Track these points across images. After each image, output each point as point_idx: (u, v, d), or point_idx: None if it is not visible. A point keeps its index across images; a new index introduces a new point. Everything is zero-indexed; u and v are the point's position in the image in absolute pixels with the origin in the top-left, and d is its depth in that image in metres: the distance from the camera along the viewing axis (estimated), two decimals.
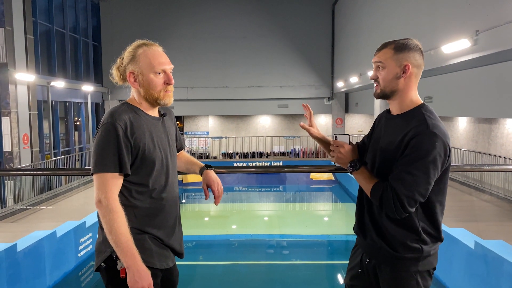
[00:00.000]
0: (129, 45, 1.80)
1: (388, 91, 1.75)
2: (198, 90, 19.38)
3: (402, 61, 1.71)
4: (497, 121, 10.71)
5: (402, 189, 1.61)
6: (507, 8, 6.17)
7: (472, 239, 5.25)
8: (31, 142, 12.37)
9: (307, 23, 19.43)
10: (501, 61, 7.50)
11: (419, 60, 1.73)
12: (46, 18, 14.62)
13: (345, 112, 20.22)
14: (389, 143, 1.74)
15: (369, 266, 1.85)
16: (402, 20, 10.64)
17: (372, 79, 1.80)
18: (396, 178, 1.63)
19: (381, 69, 1.75)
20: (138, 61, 1.74)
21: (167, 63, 1.78)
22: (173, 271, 1.90)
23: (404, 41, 1.73)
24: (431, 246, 1.74)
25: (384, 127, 1.83)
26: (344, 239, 9.29)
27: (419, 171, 1.60)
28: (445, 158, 1.65)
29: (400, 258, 1.73)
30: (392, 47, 1.73)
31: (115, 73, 1.81)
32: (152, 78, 1.74)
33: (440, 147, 1.62)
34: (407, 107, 1.75)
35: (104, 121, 1.69)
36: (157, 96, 1.77)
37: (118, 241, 1.60)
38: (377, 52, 1.78)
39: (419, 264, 1.74)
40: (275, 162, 18.74)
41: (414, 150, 1.61)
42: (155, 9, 19.15)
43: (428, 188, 1.63)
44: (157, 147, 1.78)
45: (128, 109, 1.75)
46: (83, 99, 17.23)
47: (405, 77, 1.72)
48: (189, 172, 2.11)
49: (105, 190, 1.64)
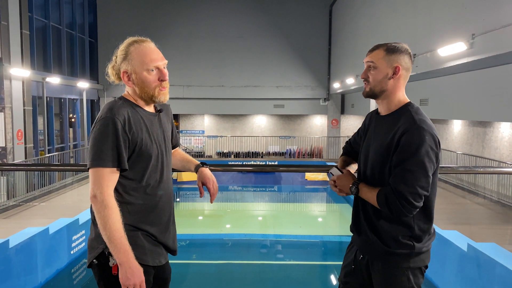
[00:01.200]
0: (121, 43, 1.78)
1: (377, 90, 1.80)
2: (194, 89, 19.35)
3: (393, 62, 1.77)
4: (491, 125, 10.77)
5: (404, 188, 1.64)
6: (503, 12, 6.21)
7: (465, 242, 5.28)
8: (25, 138, 12.30)
9: (304, 23, 19.45)
10: (497, 65, 7.55)
11: (408, 63, 1.80)
12: (43, 14, 14.54)
13: (341, 113, 20.26)
14: (380, 144, 1.78)
15: (362, 262, 1.88)
16: (399, 23, 10.67)
17: (362, 78, 1.84)
18: (396, 179, 1.66)
19: (372, 69, 1.80)
20: (131, 60, 1.72)
21: (160, 59, 1.75)
22: (165, 268, 1.90)
23: (395, 44, 1.80)
24: (423, 243, 1.77)
25: (374, 128, 1.87)
26: (337, 240, 9.30)
27: (416, 166, 1.64)
28: (437, 149, 1.69)
29: (391, 254, 1.76)
30: (384, 49, 1.79)
31: (111, 72, 1.79)
32: (146, 76, 1.72)
33: (430, 140, 1.66)
34: (395, 107, 1.80)
35: (103, 115, 1.67)
36: (152, 94, 1.75)
37: (112, 237, 1.59)
38: (369, 52, 1.83)
39: (411, 261, 1.76)
40: (270, 162, 18.74)
41: (406, 148, 1.65)
42: (152, 7, 19.10)
43: (429, 180, 1.66)
44: (154, 143, 1.77)
45: (125, 104, 1.73)
46: (79, 95, 17.14)
47: (395, 78, 1.78)
48: (184, 170, 2.11)
49: (101, 185, 1.62)
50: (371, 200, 1.76)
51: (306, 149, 20.57)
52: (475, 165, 10.26)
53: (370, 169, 1.82)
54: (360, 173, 1.93)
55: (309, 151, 20.53)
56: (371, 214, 1.82)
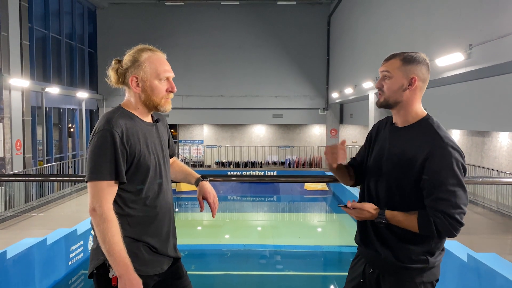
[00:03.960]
0: (130, 49, 1.78)
1: (392, 101, 1.75)
2: (193, 99, 19.40)
3: (409, 73, 1.72)
4: (490, 134, 10.80)
5: (452, 210, 1.62)
6: (500, 22, 6.26)
7: (465, 252, 5.26)
8: (24, 148, 12.28)
9: (303, 34, 19.58)
10: (494, 75, 7.59)
11: (425, 74, 1.75)
12: (42, 24, 14.62)
13: (339, 123, 20.30)
14: (400, 158, 1.72)
15: (372, 276, 1.83)
16: (397, 33, 10.75)
17: (377, 87, 1.79)
18: (441, 202, 1.63)
19: (388, 79, 1.75)
20: (143, 66, 1.73)
21: (171, 71, 1.79)
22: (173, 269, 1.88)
23: (412, 53, 1.74)
24: (436, 257, 1.75)
25: (389, 139, 1.81)
26: (337, 250, 9.26)
27: (456, 186, 1.62)
28: (464, 161, 1.68)
29: (406, 269, 1.73)
30: (400, 58, 1.74)
31: (112, 75, 1.77)
32: (157, 85, 1.74)
33: (459, 156, 1.65)
34: (413, 119, 1.75)
35: (100, 128, 1.66)
36: (158, 103, 1.76)
37: (111, 250, 1.59)
38: (384, 62, 1.78)
39: (424, 275, 1.74)
40: (269, 172, 18.72)
41: (441, 167, 1.62)
42: (151, 17, 19.23)
43: (467, 196, 1.66)
44: (152, 154, 1.76)
45: (123, 115, 1.73)
46: (78, 105, 17.17)
47: (411, 89, 1.73)
48: (184, 182, 2.10)
49: (100, 199, 1.62)
50: (408, 226, 1.68)
51: (305, 158, 20.56)
52: (474, 175, 10.25)
53: (385, 182, 1.76)
54: (369, 185, 1.86)
55: (308, 160, 20.52)
56: (383, 229, 1.77)
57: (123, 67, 1.75)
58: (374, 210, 1.72)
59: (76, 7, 17.29)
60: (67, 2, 16.54)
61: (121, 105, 1.79)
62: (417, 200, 1.69)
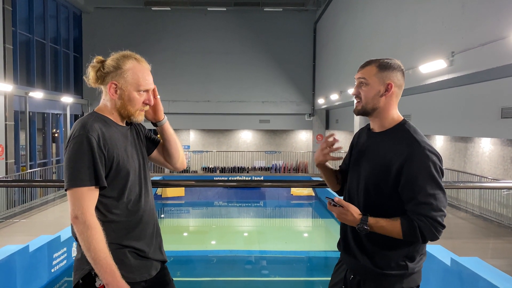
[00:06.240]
0: (116, 52, 1.75)
1: (369, 108, 1.76)
2: (180, 104, 19.33)
3: (386, 79, 1.73)
4: (472, 140, 10.99)
5: (434, 213, 1.63)
6: (481, 31, 6.40)
7: (448, 256, 5.32)
8: (6, 153, 12.07)
9: (290, 40, 19.72)
10: (476, 82, 7.74)
11: (401, 80, 1.76)
12: (26, 28, 14.44)
13: (325, 129, 20.44)
14: (377, 162, 1.73)
15: (353, 282, 1.83)
16: (381, 40, 10.90)
17: (354, 95, 1.80)
18: (422, 206, 1.63)
19: (364, 86, 1.76)
20: (125, 75, 1.70)
21: (152, 84, 1.77)
22: (160, 275, 1.86)
23: (388, 60, 1.76)
24: (416, 262, 1.75)
25: (366, 144, 1.82)
26: (323, 256, 9.28)
27: (436, 189, 1.63)
28: (441, 164, 1.69)
29: (385, 275, 1.73)
30: (376, 65, 1.75)
31: (92, 74, 1.73)
32: (135, 96, 1.72)
33: (436, 159, 1.66)
34: (389, 125, 1.77)
35: (76, 133, 1.63)
36: (132, 113, 1.74)
37: (97, 258, 1.56)
38: (360, 68, 1.78)
39: (404, 281, 1.73)
40: (256, 177, 18.73)
41: (419, 171, 1.63)
42: (137, 22, 19.16)
43: (446, 198, 1.68)
44: (130, 157, 1.75)
45: (98, 119, 1.70)
46: (62, 110, 16.96)
47: (387, 95, 1.74)
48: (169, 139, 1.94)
49: (82, 206, 1.58)
50: (391, 232, 1.66)
51: (291, 164, 20.62)
52: (456, 180, 10.41)
53: (363, 186, 1.77)
54: (350, 190, 1.87)
55: (295, 166, 20.59)
56: (362, 236, 1.77)
57: (104, 70, 1.72)
58: (358, 215, 1.71)
59: (61, 11, 17.13)
60: (52, 6, 16.38)
61: (95, 110, 1.77)
62: (396, 204, 1.70)
